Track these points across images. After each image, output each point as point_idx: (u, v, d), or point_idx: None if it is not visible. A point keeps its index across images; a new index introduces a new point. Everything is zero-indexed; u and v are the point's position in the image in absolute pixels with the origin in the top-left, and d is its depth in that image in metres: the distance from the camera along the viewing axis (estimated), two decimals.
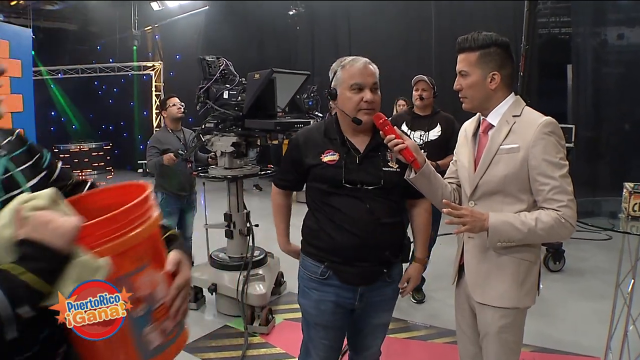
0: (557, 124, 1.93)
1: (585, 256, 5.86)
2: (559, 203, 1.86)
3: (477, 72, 1.98)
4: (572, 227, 1.88)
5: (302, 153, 2.23)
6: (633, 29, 8.06)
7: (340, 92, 2.17)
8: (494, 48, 1.97)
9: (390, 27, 9.63)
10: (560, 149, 1.90)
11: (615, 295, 3.09)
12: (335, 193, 2.15)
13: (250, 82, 3.70)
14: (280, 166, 2.45)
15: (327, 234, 2.17)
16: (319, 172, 2.17)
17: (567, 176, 1.88)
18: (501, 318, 2.03)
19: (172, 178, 4.62)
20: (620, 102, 7.94)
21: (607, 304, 3.23)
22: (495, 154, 1.97)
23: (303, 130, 2.40)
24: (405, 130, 4.24)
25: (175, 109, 4.71)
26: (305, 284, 2.28)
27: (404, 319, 4.25)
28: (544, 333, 3.92)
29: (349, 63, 2.17)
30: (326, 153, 2.17)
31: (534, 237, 1.91)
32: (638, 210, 2.73)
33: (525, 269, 2.01)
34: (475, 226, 1.90)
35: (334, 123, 2.25)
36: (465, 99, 2.05)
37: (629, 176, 7.95)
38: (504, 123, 1.98)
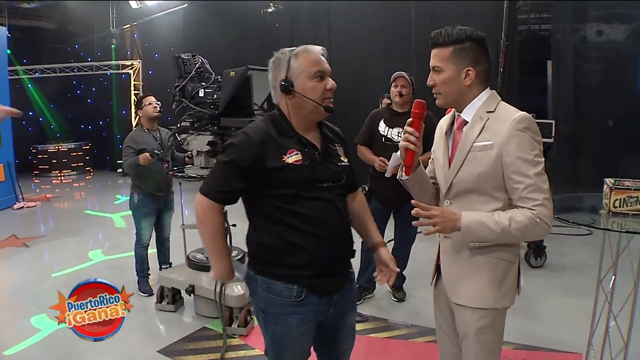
0: (532, 120, 1.88)
1: (566, 251, 5.86)
2: (534, 202, 1.81)
3: (450, 68, 1.92)
4: (547, 227, 1.83)
5: (259, 156, 1.92)
6: (612, 26, 8.11)
7: (300, 82, 1.98)
8: (469, 43, 1.91)
9: (370, 24, 9.59)
10: (536, 146, 1.85)
11: (596, 292, 3.07)
12: (304, 197, 1.94)
13: (225, 79, 3.63)
14: (217, 173, 2.00)
15: (300, 247, 1.95)
16: (286, 175, 1.93)
17: (542, 174, 1.83)
18: (480, 319, 1.98)
19: (149, 178, 4.54)
20: (600, 98, 7.98)
21: (590, 300, 3.21)
22: (469, 152, 1.92)
23: (252, 128, 2.01)
24: (384, 127, 4.20)
25: (151, 107, 4.62)
26: (279, 310, 2.01)
27: (384, 317, 4.21)
28: (526, 330, 3.90)
29: (304, 51, 2.01)
30: (290, 153, 1.95)
31: (508, 237, 1.86)
32: (619, 207, 2.69)
33: (503, 269, 1.97)
34: (447, 227, 1.85)
35: (282, 120, 2.02)
36: (438, 95, 1.99)
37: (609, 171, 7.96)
38: (477, 119, 1.93)
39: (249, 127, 2.03)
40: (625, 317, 2.90)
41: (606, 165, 8.02)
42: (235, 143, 1.97)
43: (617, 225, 2.62)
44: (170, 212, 4.87)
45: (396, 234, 4.51)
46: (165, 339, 3.95)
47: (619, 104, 7.91)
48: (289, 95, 1.99)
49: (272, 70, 2.04)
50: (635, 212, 2.67)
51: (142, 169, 4.42)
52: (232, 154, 1.95)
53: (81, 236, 7.25)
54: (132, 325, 4.11)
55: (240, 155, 1.93)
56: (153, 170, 4.46)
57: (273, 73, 2.04)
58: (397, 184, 3.89)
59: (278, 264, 1.98)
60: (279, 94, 2.02)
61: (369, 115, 4.39)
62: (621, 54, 8.11)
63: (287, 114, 2.02)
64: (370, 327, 4.03)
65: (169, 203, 4.81)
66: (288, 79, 1.98)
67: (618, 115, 7.96)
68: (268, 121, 2.03)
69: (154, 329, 4.18)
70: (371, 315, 4.20)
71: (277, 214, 1.96)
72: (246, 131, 1.99)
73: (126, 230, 4.82)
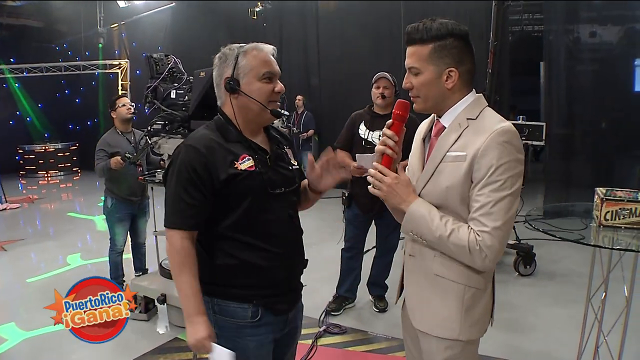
0: (516, 133, 1.62)
1: (555, 258, 5.71)
2: (482, 227, 1.58)
3: (430, 69, 1.66)
4: (487, 259, 1.59)
5: (211, 166, 1.74)
6: (605, 27, 8.01)
7: (246, 82, 1.80)
8: (451, 39, 1.65)
9: (359, 24, 9.49)
10: (513, 166, 1.59)
11: (585, 308, 2.92)
12: (256, 208, 1.78)
13: (196, 80, 3.46)
14: (175, 199, 1.76)
15: (254, 265, 1.79)
16: (239, 184, 1.75)
17: (506, 201, 1.58)
18: (446, 349, 1.75)
19: (122, 182, 4.39)
20: (593, 99, 7.89)
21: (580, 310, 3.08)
22: (441, 161, 1.68)
23: (195, 138, 1.82)
24: (364, 130, 4.04)
25: (125, 109, 4.47)
26: (234, 334, 1.82)
27: (364, 329, 4.04)
28: (513, 344, 3.74)
29: (254, 49, 1.83)
30: (242, 159, 1.78)
31: (443, 247, 1.65)
32: (610, 219, 2.50)
33: (471, 297, 1.72)
34: (390, 199, 1.70)
35: (228, 124, 1.85)
36: (417, 98, 1.73)
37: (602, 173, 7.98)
38: (455, 126, 1.69)
39: (191, 137, 1.86)
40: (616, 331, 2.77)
41: (599, 167, 7.95)
42: (181, 159, 1.76)
43: (609, 240, 2.45)
44: (145, 217, 4.70)
45: (378, 242, 4.35)
46: (135, 350, 3.78)
47: (612, 105, 7.83)
48: (234, 95, 1.82)
49: (218, 67, 1.86)
50: (628, 225, 2.49)
51: (115, 173, 4.27)
52: (181, 173, 1.75)
53: (62, 240, 7.11)
54: None
55: (190, 170, 1.74)
56: (126, 174, 4.31)
57: (218, 70, 1.86)
58: None
59: (231, 284, 1.80)
60: (224, 93, 1.85)
61: (349, 118, 4.23)
62: (614, 55, 8.04)
63: (232, 116, 1.85)
64: (349, 339, 3.86)
65: (144, 208, 4.65)
66: (234, 77, 1.81)
67: (611, 117, 7.89)
68: (212, 127, 1.86)
69: (124, 339, 3.96)
70: (350, 327, 4.03)
71: (228, 229, 1.78)
72: (189, 143, 1.80)
73: (106, 234, 4.67)
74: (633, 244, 2.37)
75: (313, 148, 9.77)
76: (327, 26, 10.14)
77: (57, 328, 3.99)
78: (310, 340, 3.80)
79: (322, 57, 10.30)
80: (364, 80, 8.87)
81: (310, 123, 9.59)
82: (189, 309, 1.73)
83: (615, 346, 2.77)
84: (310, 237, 1.90)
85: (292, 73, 10.81)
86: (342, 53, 9.82)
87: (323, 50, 10.27)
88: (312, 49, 10.37)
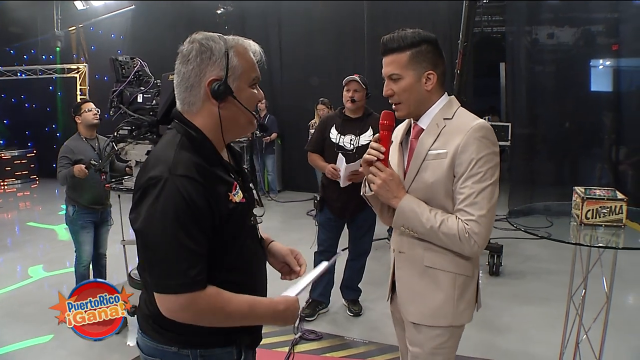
0: (491, 129, 1.78)
1: (524, 256, 5.79)
2: (469, 216, 1.73)
3: (410, 74, 1.80)
4: (475, 245, 1.74)
5: (212, 200, 1.38)
6: (562, 29, 8.22)
7: (237, 88, 1.46)
8: (425, 45, 1.80)
9: (322, 27, 9.49)
10: (491, 158, 1.75)
11: (567, 305, 2.96)
12: (234, 243, 1.49)
13: (164, 83, 3.36)
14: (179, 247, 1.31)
15: None
16: (235, 220, 1.46)
17: (488, 190, 1.74)
18: (436, 337, 1.89)
19: (85, 190, 4.23)
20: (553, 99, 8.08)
21: (553, 307, 3.14)
22: (424, 160, 1.82)
23: (184, 164, 1.37)
24: (335, 134, 4.01)
25: (91, 114, 4.32)
26: None
27: (340, 334, 4.00)
28: (490, 343, 3.78)
29: (245, 47, 1.50)
30: (234, 188, 1.46)
31: (434, 237, 1.79)
32: (591, 218, 2.56)
33: (462, 284, 1.88)
34: (383, 194, 1.82)
35: (204, 141, 1.46)
36: (399, 105, 1.86)
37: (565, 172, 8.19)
38: (433, 126, 1.84)
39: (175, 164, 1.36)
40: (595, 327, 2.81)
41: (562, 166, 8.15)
42: (176, 194, 1.32)
43: (590, 238, 2.51)
44: (107, 225, 4.53)
45: (350, 245, 4.33)
46: None
47: (572, 105, 8.03)
48: (221, 103, 1.44)
49: (194, 62, 1.43)
50: (608, 223, 2.54)
51: (78, 181, 4.12)
52: (179, 213, 1.32)
53: (22, 250, 6.86)
54: (70, 349, 3.85)
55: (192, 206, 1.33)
56: (90, 182, 4.15)
57: (198, 66, 1.43)
58: (350, 192, 3.75)
59: (215, 330, 1.46)
60: (203, 99, 1.45)
61: (320, 121, 4.21)
62: (572, 55, 8.24)
63: (209, 129, 1.47)
64: (326, 345, 3.82)
65: (106, 217, 4.48)
66: (225, 80, 1.43)
67: (571, 117, 8.10)
68: (187, 147, 1.42)
69: (93, 354, 3.88)
70: (326, 333, 3.99)
71: (217, 271, 1.44)
72: (180, 173, 1.34)
73: (69, 244, 4.51)
74: (613, 241, 2.41)
75: (276, 151, 9.72)
76: (289, 28, 10.10)
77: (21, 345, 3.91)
78: (287, 348, 3.75)
79: (285, 60, 10.27)
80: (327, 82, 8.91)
81: (273, 126, 9.54)
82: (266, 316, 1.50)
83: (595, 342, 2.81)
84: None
85: None
86: (305, 55, 9.81)
87: (285, 53, 10.24)
88: (275, 51, 10.33)
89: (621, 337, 3.62)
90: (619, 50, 7.79)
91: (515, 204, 7.46)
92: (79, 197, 4.24)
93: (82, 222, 4.29)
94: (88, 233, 4.35)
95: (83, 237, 4.35)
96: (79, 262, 4.41)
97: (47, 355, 3.83)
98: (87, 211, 4.28)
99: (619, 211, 2.50)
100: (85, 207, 4.26)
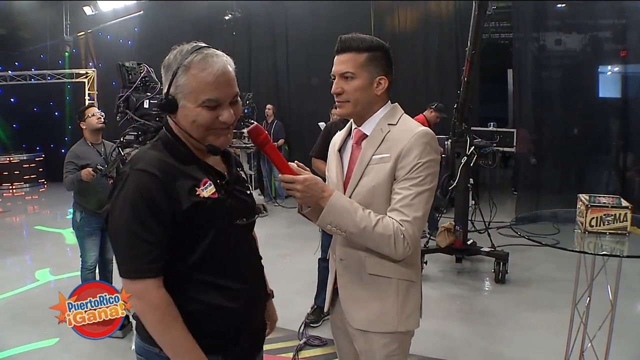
0: (434, 136, 1.80)
1: (530, 264, 5.77)
2: (404, 217, 1.72)
3: (364, 75, 1.82)
4: (408, 247, 1.72)
5: (171, 194, 1.44)
6: (570, 35, 8.20)
7: (183, 105, 1.48)
8: (380, 52, 1.84)
9: (328, 31, 9.48)
10: (431, 165, 1.75)
11: (572, 313, 2.94)
12: (220, 242, 1.53)
13: None
14: (136, 237, 1.40)
15: (223, 308, 1.53)
16: (202, 214, 1.48)
17: (424, 196, 1.74)
18: (387, 345, 1.87)
19: (92, 196, 4.23)
20: (560, 106, 8.06)
21: (557, 315, 3.12)
22: (368, 165, 1.82)
23: (146, 160, 1.47)
24: None
25: (95, 119, 4.33)
26: None
27: None
28: (494, 351, 3.75)
29: (199, 64, 1.46)
30: (203, 184, 1.50)
31: (365, 237, 1.73)
32: (595, 225, 2.54)
33: (405, 289, 1.86)
34: (307, 199, 1.73)
35: (175, 142, 1.54)
36: (346, 103, 1.85)
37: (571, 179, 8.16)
38: (378, 131, 1.85)
39: (138, 160, 1.48)
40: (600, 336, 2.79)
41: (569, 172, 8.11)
42: (134, 187, 1.42)
43: (594, 246, 2.48)
44: None
45: None
46: None
47: (579, 111, 8.01)
48: (172, 115, 1.52)
49: (163, 75, 1.54)
50: (613, 230, 2.53)
51: (85, 186, 4.13)
52: (136, 204, 1.41)
53: (29, 254, 6.90)
54: (74, 352, 3.86)
55: (148, 199, 1.41)
56: (96, 186, 4.17)
57: (164, 77, 1.53)
58: None
59: (199, 334, 1.48)
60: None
61: (324, 128, 4.23)
62: (579, 62, 8.22)
63: (180, 133, 1.55)
64: (330, 351, 3.81)
65: None
66: (171, 96, 1.48)
67: (579, 123, 8.06)
68: (160, 147, 1.54)
69: (97, 357, 3.89)
70: (330, 339, 3.98)
71: (190, 269, 1.50)
72: (139, 167, 1.44)
73: (76, 248, 4.51)
74: (617, 249, 2.40)
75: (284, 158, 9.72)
76: (296, 34, 10.15)
77: (26, 348, 3.93)
78: (291, 354, 3.75)
79: (292, 65, 10.31)
80: None
81: (280, 132, 9.57)
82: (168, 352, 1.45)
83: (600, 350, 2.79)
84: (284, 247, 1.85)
85: (260, 82, 10.78)
86: (312, 61, 9.84)
87: (292, 58, 10.28)
88: (281, 57, 10.37)
89: (626, 345, 3.59)
90: (627, 57, 7.76)
91: (522, 211, 7.44)
92: (86, 203, 4.24)
93: (89, 229, 4.29)
94: (94, 239, 4.35)
95: (89, 243, 4.36)
96: (85, 266, 4.42)
97: (52, 358, 3.84)
98: (94, 217, 4.28)
99: (623, 219, 2.49)
100: (92, 212, 4.25)
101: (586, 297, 2.81)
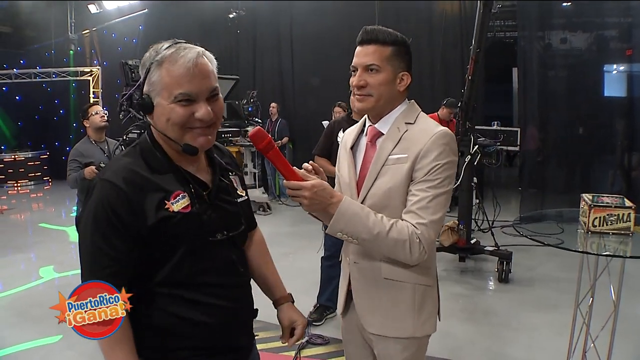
0: (454, 137, 1.73)
1: (533, 264, 5.75)
2: (420, 219, 1.65)
3: (388, 69, 1.73)
4: (424, 251, 1.65)
5: (136, 207, 1.37)
6: (575, 34, 8.16)
7: (158, 103, 1.39)
8: (404, 47, 1.77)
9: (333, 30, 9.48)
10: (450, 167, 1.69)
11: (574, 314, 2.93)
12: (192, 257, 1.44)
13: None
14: (96, 249, 1.36)
15: (199, 323, 1.46)
16: (172, 230, 1.40)
17: (443, 198, 1.68)
18: (404, 350, 1.82)
19: None
20: (565, 104, 8.02)
21: (561, 315, 3.11)
22: (384, 165, 1.74)
23: (113, 170, 1.40)
24: None
25: (98, 117, 4.34)
26: None
27: None
28: (497, 350, 3.74)
29: (170, 57, 1.37)
30: (175, 197, 1.41)
31: (379, 243, 1.65)
32: (598, 225, 2.51)
33: (422, 294, 1.81)
34: (315, 207, 1.62)
35: (154, 149, 1.46)
36: (368, 97, 1.74)
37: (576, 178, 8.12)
38: (394, 130, 1.76)
39: (108, 168, 1.44)
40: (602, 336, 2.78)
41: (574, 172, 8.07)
42: (98, 198, 1.36)
43: (597, 246, 2.46)
44: None
45: None
46: None
47: (585, 110, 7.96)
48: (149, 115, 1.44)
49: (142, 74, 1.44)
50: (616, 231, 2.50)
51: (88, 184, 4.12)
52: (98, 216, 1.35)
53: (34, 251, 6.91)
54: (78, 350, 3.87)
55: (109, 212, 1.34)
56: None
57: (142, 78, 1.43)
58: None
59: (173, 348, 1.46)
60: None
61: (327, 127, 4.22)
62: (584, 60, 8.18)
63: (158, 137, 1.47)
64: (333, 350, 3.81)
65: None
66: (146, 95, 1.40)
67: (584, 122, 8.02)
68: (136, 153, 1.46)
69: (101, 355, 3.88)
70: (333, 337, 3.98)
71: (161, 285, 1.43)
72: (105, 177, 1.38)
73: None
74: (620, 249, 2.38)
75: (287, 156, 9.74)
76: (301, 32, 10.13)
77: (30, 345, 3.94)
78: (294, 352, 3.74)
79: (296, 64, 10.30)
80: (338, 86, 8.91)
81: (285, 130, 9.56)
82: None
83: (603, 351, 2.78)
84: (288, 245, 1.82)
85: (265, 80, 10.77)
86: (317, 59, 9.83)
87: (297, 57, 10.27)
88: (286, 55, 10.36)
89: (628, 346, 3.58)
90: (632, 55, 7.71)
91: (527, 210, 7.41)
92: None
93: None
94: None
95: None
96: None
97: (56, 356, 3.85)
98: None
99: (626, 219, 2.47)
100: None
101: (589, 298, 2.80)
